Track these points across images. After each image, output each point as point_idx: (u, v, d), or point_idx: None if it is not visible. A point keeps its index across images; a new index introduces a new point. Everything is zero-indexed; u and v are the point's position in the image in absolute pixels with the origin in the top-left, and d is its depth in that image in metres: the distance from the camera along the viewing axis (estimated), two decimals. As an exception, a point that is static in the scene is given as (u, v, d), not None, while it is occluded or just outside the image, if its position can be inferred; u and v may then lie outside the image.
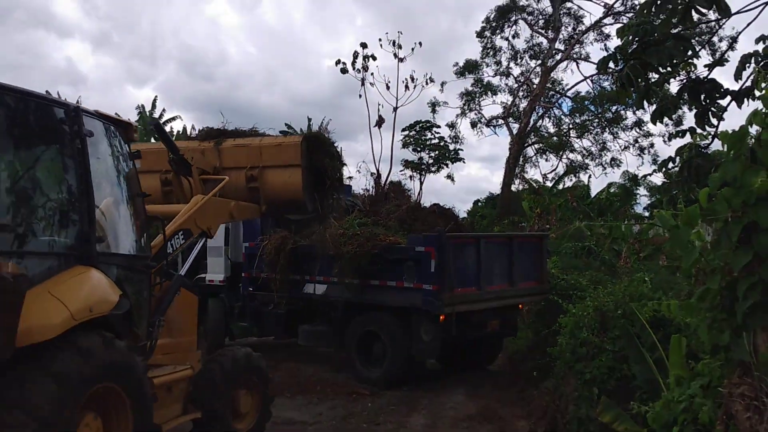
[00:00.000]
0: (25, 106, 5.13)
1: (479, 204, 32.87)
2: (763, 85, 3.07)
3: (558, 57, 27.82)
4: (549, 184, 28.48)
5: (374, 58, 16.12)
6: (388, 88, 16.51)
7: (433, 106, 27.99)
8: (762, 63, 5.45)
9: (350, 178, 14.90)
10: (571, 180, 29.10)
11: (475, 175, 55.62)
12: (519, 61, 29.05)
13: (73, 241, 5.23)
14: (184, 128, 28.57)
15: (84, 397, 4.72)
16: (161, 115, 28.56)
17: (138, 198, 6.28)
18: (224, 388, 6.93)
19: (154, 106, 28.74)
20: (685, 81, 6.27)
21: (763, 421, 2.95)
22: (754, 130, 3.18)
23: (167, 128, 27.67)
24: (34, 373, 4.39)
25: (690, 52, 5.98)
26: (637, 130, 27.76)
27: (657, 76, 6.27)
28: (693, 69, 6.36)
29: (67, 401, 4.49)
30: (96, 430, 4.99)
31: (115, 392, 5.08)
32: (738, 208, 3.05)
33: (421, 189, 23.93)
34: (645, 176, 26.96)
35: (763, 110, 3.04)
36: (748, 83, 5.70)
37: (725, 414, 3.29)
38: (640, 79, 6.01)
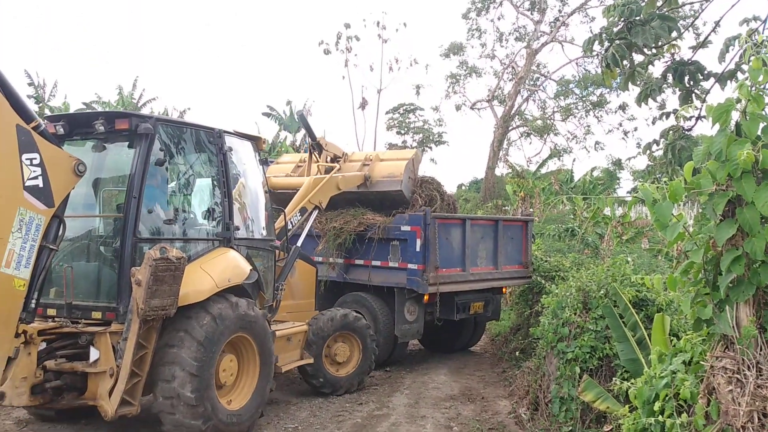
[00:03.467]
0: (189, 133, 7.16)
1: (463, 188, 32.95)
2: (751, 57, 3.04)
3: (543, 39, 27.79)
4: (533, 167, 28.60)
5: (358, 39, 16.00)
6: (371, 69, 16.41)
7: (417, 88, 27.91)
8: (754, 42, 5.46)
9: None
10: (555, 164, 29.26)
11: (458, 159, 55.79)
12: (504, 43, 29.01)
13: (218, 229, 7.20)
14: (165, 110, 28.21)
15: (227, 336, 6.60)
16: (141, 96, 28.16)
17: (266, 194, 8.14)
18: (318, 342, 8.65)
19: (134, 86, 28.35)
20: (669, 62, 6.27)
21: (744, 394, 2.96)
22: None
23: (147, 109, 27.49)
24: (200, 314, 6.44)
25: (675, 33, 5.98)
26: (621, 113, 27.90)
27: (642, 57, 6.26)
28: (677, 50, 6.37)
29: (218, 336, 6.50)
30: (233, 365, 6.89)
31: (246, 340, 6.97)
32: (723, 181, 3.04)
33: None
34: (629, 159, 27.15)
35: (749, 82, 3.03)
36: (732, 65, 5.72)
37: (707, 388, 3.31)
38: (625, 60, 6.00)
